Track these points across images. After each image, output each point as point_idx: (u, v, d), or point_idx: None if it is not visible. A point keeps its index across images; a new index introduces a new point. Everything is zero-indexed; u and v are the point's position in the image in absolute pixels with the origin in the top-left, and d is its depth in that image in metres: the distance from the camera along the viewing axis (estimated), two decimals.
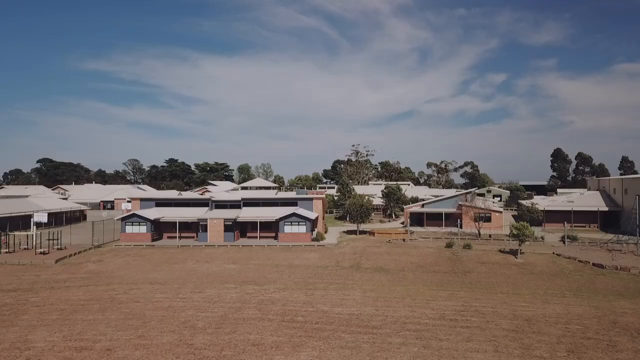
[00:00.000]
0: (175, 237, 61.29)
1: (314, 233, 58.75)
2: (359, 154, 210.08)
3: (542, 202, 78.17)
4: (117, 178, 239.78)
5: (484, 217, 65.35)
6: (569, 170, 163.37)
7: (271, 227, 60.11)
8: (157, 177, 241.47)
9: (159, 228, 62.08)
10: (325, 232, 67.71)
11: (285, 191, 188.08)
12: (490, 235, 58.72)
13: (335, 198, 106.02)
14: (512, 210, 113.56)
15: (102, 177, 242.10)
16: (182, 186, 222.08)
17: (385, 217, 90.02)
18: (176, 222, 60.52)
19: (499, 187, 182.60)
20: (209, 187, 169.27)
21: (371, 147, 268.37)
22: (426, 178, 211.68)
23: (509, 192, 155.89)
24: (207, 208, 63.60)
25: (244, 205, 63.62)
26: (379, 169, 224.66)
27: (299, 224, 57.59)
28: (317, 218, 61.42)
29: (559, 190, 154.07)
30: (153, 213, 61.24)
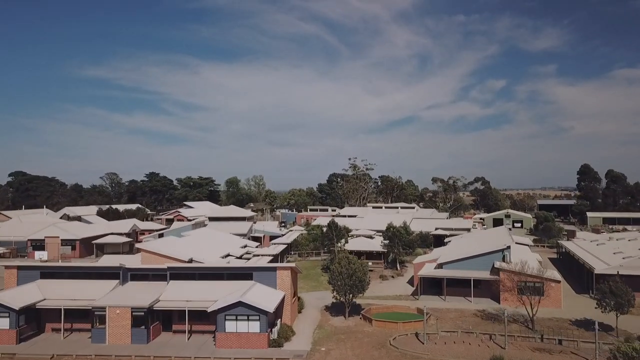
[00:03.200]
0: (67, 328, 39.80)
1: (275, 331, 36.99)
2: (357, 168, 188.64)
3: (601, 255, 56.48)
4: (94, 193, 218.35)
5: (534, 288, 43.57)
6: (597, 188, 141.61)
7: (209, 316, 38.38)
8: (136, 192, 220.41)
9: (38, 317, 40.43)
10: (300, 311, 45.92)
11: (271, 214, 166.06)
12: (560, 341, 36.53)
13: (325, 230, 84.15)
14: (542, 246, 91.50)
15: (79, 192, 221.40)
16: (154, 206, 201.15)
17: (387, 267, 68.26)
18: (61, 310, 38.84)
19: (514, 209, 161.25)
20: (184, 210, 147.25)
21: (370, 159, 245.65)
22: (431, 195, 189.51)
23: (530, 216, 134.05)
24: (117, 282, 41.86)
25: (171, 278, 41.92)
26: (379, 184, 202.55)
27: (248, 319, 35.81)
28: (282, 300, 39.72)
29: (589, 214, 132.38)
30: (28, 294, 39.55)
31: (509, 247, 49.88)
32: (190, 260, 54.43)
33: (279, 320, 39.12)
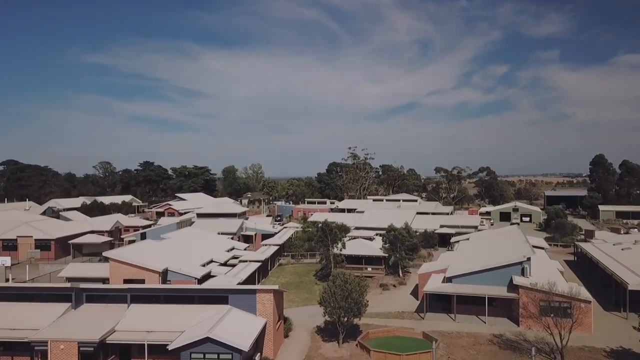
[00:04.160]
0: None
1: None
2: (357, 157, 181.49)
3: (631, 263, 49.84)
4: (87, 183, 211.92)
5: (560, 309, 37.12)
6: (611, 180, 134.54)
7: (174, 350, 31.90)
8: (130, 182, 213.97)
9: None
10: (287, 334, 39.54)
11: (268, 206, 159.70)
12: None
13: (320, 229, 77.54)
14: (555, 245, 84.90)
15: (72, 182, 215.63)
16: (148, 196, 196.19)
17: (389, 272, 61.79)
18: None
19: (522, 201, 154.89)
20: (175, 203, 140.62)
21: (371, 147, 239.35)
22: (434, 185, 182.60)
23: (539, 209, 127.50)
24: (69, 305, 35.42)
25: (132, 300, 35.45)
26: (380, 174, 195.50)
27: (219, 358, 29.38)
28: (263, 328, 33.28)
29: (601, 207, 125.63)
30: None
31: (529, 259, 43.21)
32: (165, 271, 48.10)
33: (259, 354, 32.70)
